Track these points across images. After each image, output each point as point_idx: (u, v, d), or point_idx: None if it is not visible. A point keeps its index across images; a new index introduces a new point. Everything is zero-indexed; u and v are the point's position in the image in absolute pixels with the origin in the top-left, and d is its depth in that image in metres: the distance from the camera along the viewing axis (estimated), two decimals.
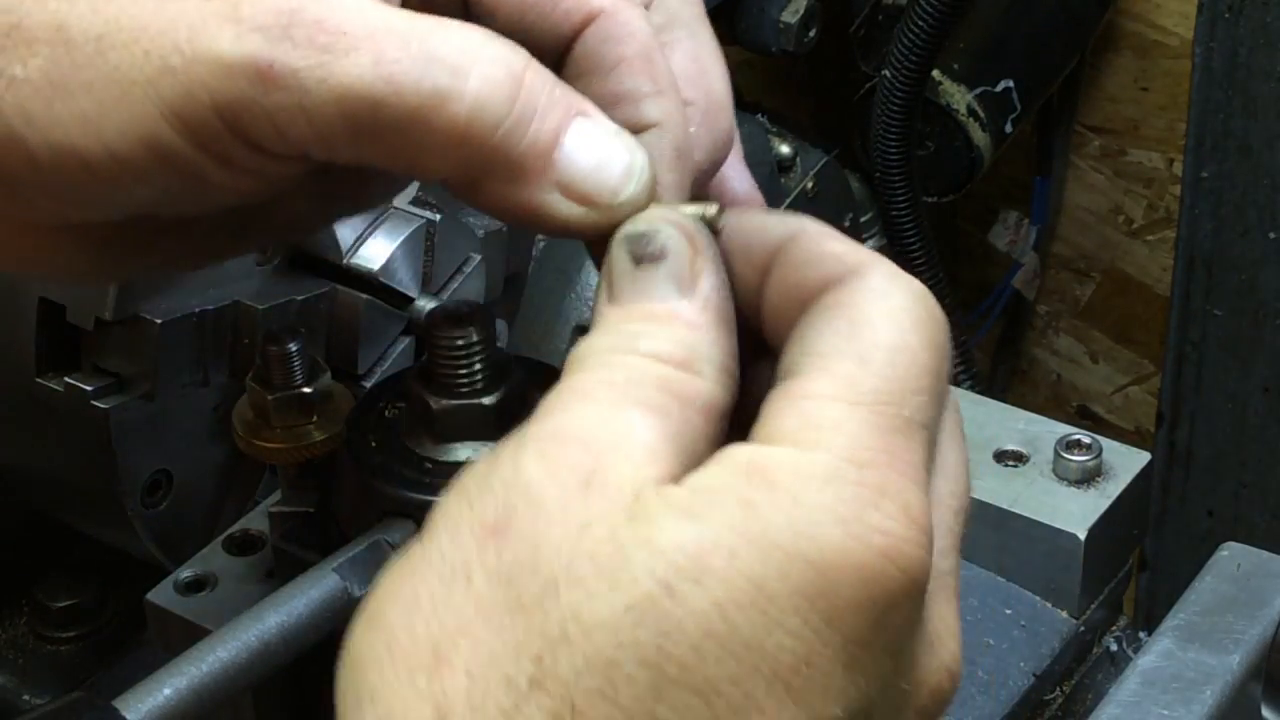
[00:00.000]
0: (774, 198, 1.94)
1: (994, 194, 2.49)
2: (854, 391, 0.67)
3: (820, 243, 0.72)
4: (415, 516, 0.90)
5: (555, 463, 0.65)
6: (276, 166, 0.71)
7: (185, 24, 0.68)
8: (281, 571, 0.96)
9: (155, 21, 0.68)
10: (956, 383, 2.06)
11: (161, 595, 1.03)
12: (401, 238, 1.22)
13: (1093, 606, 1.29)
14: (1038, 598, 1.28)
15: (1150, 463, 1.31)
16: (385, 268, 1.22)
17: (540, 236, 1.76)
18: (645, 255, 0.70)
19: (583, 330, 1.76)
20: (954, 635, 0.70)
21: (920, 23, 1.94)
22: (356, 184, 0.82)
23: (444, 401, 0.91)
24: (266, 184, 0.73)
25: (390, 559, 0.89)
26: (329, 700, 0.99)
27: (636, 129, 0.74)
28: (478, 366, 0.90)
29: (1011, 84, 2.14)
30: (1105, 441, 1.30)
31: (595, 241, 0.73)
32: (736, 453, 0.66)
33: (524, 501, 0.64)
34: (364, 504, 0.91)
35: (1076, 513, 1.26)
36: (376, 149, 0.70)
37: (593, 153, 0.72)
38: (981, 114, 2.11)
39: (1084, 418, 2.57)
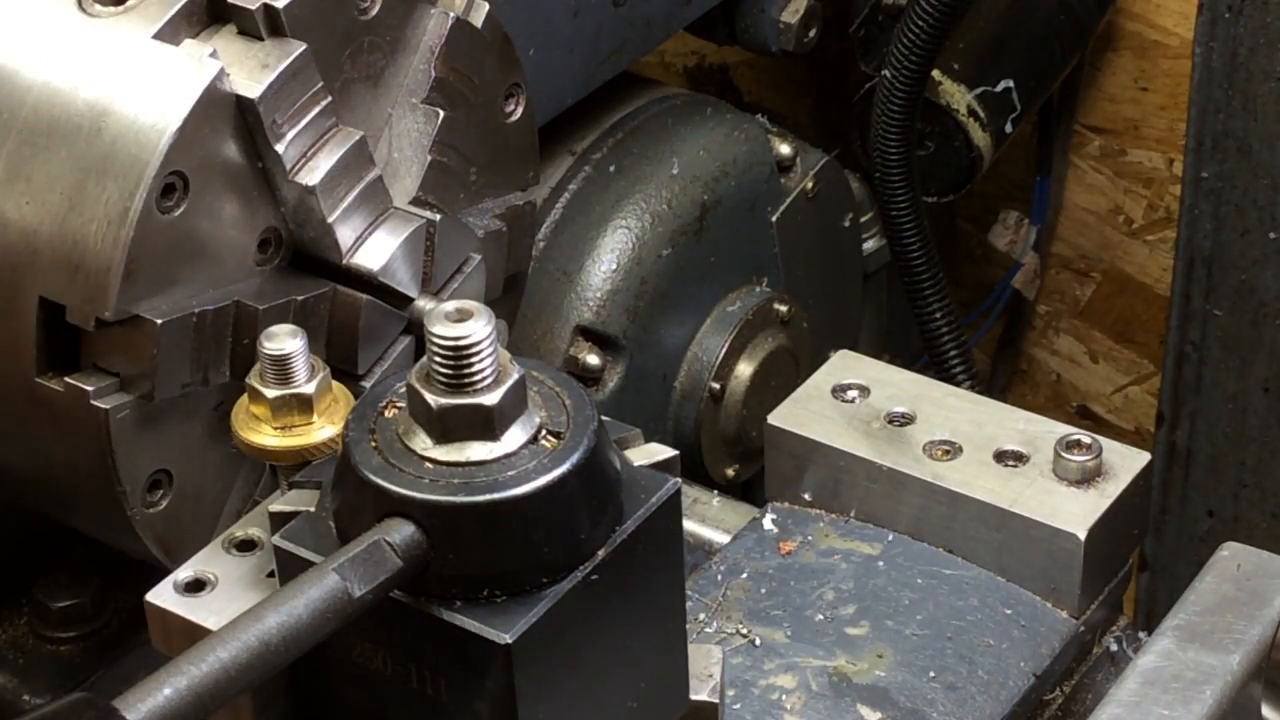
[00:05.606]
0: (774, 198, 1.94)
1: (994, 194, 2.49)
2: None
3: None
4: (415, 516, 0.90)
5: None
6: None
7: None
8: (281, 571, 0.96)
9: None
10: (956, 383, 2.06)
11: (161, 595, 1.03)
12: (401, 238, 1.23)
13: (1093, 606, 1.29)
14: (1038, 598, 1.28)
15: (1150, 463, 1.31)
16: (385, 268, 1.22)
17: (540, 236, 1.76)
18: None
19: (583, 330, 1.76)
20: None
21: (920, 23, 1.94)
22: None
23: (444, 401, 0.91)
24: None
25: (389, 559, 0.89)
26: (329, 700, 0.99)
27: None
28: (478, 366, 0.91)
29: (1011, 84, 2.14)
30: (1105, 441, 1.30)
31: None
32: None
33: None
34: (364, 504, 0.91)
35: (1076, 513, 1.27)
36: None
37: None
38: (981, 114, 2.11)
39: (1084, 418, 2.57)
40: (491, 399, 0.91)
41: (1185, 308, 2.21)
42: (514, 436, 0.92)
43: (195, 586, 1.03)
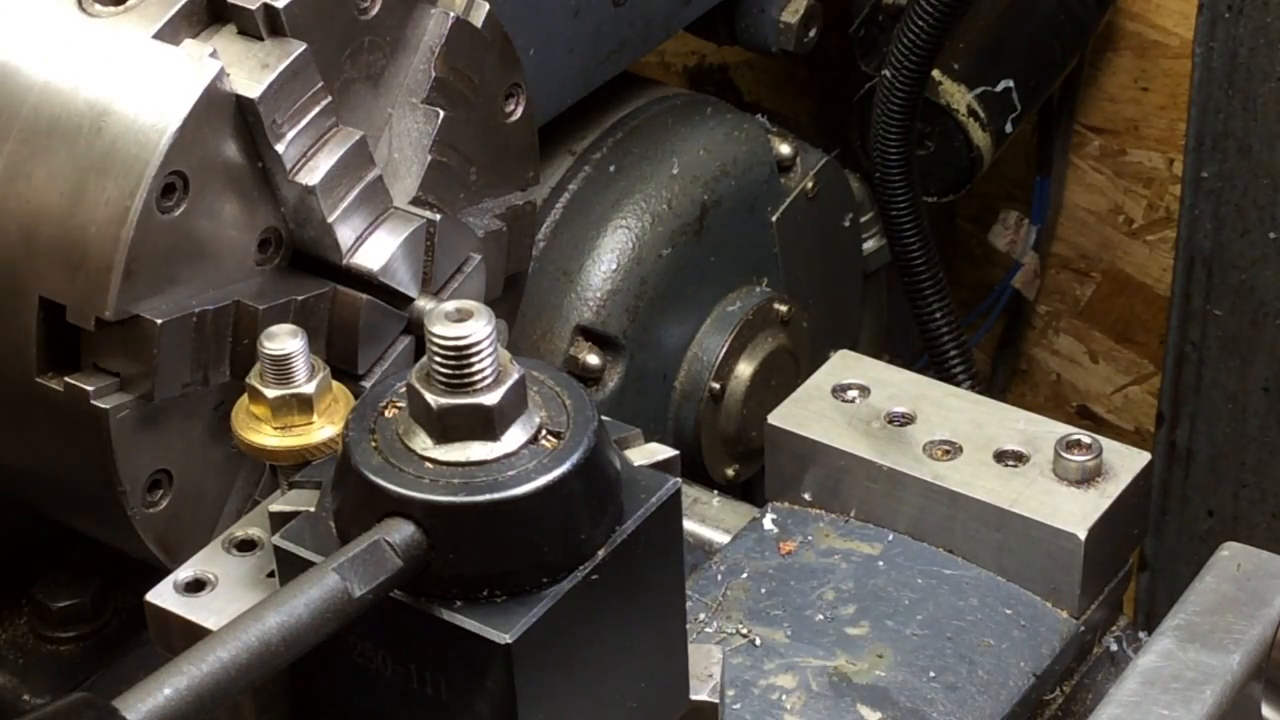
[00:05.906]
0: (774, 198, 1.94)
1: (994, 194, 2.49)
2: None
3: None
4: (415, 516, 0.90)
5: None
6: None
7: None
8: (281, 571, 0.96)
9: None
10: (956, 383, 2.06)
11: (161, 595, 1.03)
12: (401, 238, 1.23)
13: (1093, 606, 1.29)
14: (1038, 598, 1.28)
15: (1150, 463, 1.31)
16: (385, 268, 1.22)
17: (540, 236, 1.76)
18: None
19: (583, 330, 1.76)
20: None
21: (920, 23, 1.94)
22: None
23: (444, 401, 0.91)
24: None
25: (389, 559, 0.89)
26: (329, 700, 0.99)
27: None
28: (478, 366, 0.91)
29: (1011, 84, 2.14)
30: (1105, 441, 1.30)
31: None
32: None
33: None
34: (364, 504, 0.91)
35: (1076, 513, 1.27)
36: None
37: None
38: (981, 114, 2.11)
39: (1084, 418, 2.57)
40: (491, 399, 0.91)
41: (1185, 308, 2.21)
42: (514, 436, 0.92)
43: (195, 586, 1.03)
